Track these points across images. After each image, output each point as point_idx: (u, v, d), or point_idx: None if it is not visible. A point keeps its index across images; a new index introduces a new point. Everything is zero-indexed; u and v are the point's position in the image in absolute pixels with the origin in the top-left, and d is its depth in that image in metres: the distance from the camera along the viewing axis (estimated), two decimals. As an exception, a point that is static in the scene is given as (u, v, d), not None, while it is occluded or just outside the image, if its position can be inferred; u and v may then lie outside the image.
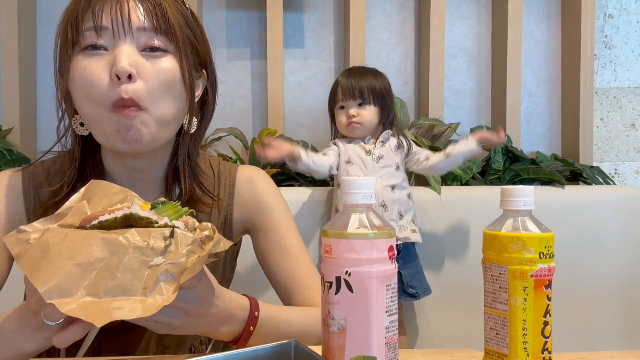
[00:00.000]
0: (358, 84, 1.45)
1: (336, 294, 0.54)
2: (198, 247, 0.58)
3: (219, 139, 1.71)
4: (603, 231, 1.56)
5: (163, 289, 0.54)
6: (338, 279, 0.54)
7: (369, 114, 1.44)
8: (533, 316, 0.57)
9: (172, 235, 0.57)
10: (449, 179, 1.67)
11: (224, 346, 0.90)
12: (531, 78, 1.98)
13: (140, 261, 0.55)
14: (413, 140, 1.53)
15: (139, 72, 0.71)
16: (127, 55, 0.70)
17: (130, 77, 0.69)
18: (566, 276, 1.52)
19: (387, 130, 1.47)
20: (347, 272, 0.54)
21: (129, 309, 0.52)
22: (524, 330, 0.57)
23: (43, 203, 0.80)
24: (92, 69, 0.70)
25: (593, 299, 1.55)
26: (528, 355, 0.57)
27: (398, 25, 1.93)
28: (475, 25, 1.96)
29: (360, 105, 1.44)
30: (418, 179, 1.68)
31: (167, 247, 0.56)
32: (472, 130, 1.82)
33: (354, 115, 1.43)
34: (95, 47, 0.71)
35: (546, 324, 0.58)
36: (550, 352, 0.58)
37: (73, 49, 0.72)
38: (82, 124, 0.77)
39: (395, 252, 0.56)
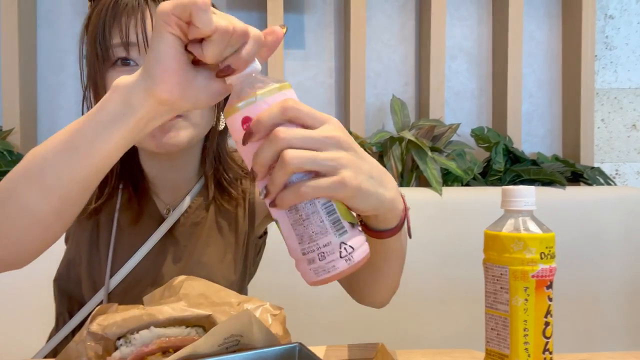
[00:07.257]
0: None
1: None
2: None
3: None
4: (604, 232, 1.56)
5: None
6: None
7: None
8: (534, 316, 0.57)
9: None
10: (450, 179, 1.67)
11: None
12: (532, 79, 1.97)
13: None
14: (414, 141, 1.50)
15: None
16: None
17: None
18: (567, 276, 1.51)
19: None
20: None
21: None
22: (524, 330, 0.57)
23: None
24: None
25: (594, 299, 1.55)
26: (529, 356, 0.57)
27: (398, 26, 1.93)
28: (475, 26, 1.95)
29: None
30: (418, 179, 1.68)
31: None
32: (473, 131, 1.82)
33: None
34: (125, 62, 0.77)
35: (547, 324, 0.58)
36: (551, 353, 0.58)
37: (104, 63, 0.78)
38: None
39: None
